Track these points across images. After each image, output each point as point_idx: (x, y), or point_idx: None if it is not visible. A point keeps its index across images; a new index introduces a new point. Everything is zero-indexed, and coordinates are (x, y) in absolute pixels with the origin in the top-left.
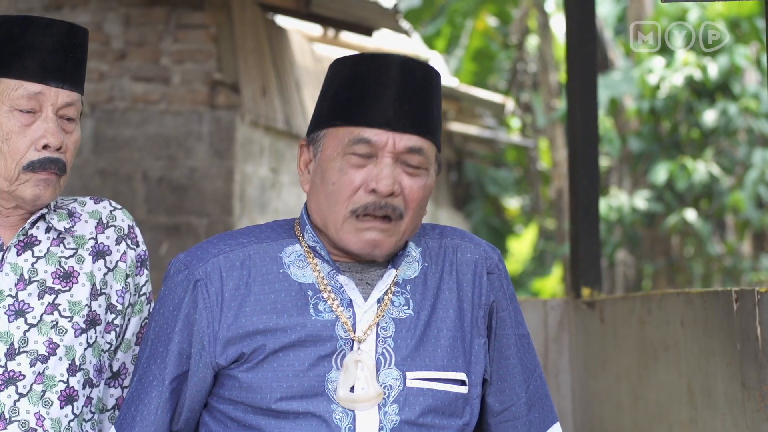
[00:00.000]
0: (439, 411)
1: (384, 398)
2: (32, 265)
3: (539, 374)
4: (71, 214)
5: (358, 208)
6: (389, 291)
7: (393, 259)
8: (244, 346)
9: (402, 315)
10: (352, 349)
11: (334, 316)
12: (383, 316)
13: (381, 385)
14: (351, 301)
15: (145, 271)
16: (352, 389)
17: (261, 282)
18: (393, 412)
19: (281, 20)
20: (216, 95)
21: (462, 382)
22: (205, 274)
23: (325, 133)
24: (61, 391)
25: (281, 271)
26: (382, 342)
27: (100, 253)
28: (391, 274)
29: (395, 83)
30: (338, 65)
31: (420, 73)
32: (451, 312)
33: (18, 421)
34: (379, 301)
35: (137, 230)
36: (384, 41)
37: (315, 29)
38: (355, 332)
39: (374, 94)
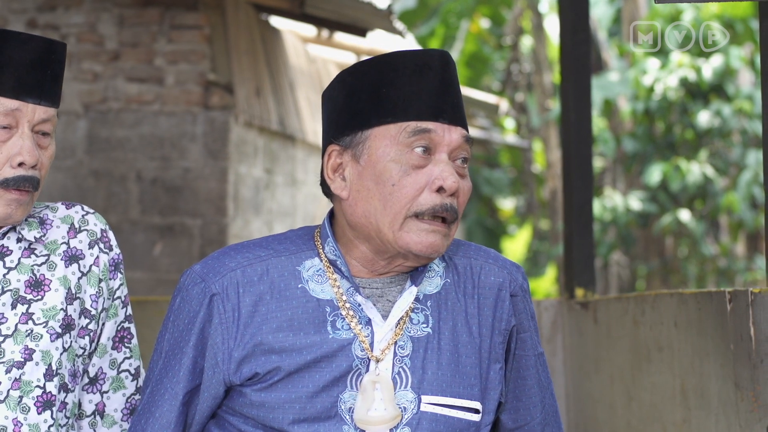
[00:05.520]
0: None
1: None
2: (4, 276)
3: (551, 392)
4: (43, 222)
5: (425, 211)
6: (408, 307)
7: (413, 275)
8: (259, 365)
9: (420, 333)
10: (367, 368)
11: (352, 334)
12: (401, 334)
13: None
14: (370, 319)
15: (119, 275)
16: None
17: (278, 298)
18: None
19: (275, 21)
20: (210, 96)
21: (476, 411)
22: (222, 288)
23: (371, 134)
24: (37, 396)
25: (299, 286)
26: (398, 361)
27: (72, 257)
28: (412, 292)
29: (438, 77)
30: (368, 65)
31: (453, 67)
32: (470, 338)
33: None
34: (398, 319)
35: (110, 234)
36: (378, 42)
37: (309, 30)
38: (372, 351)
39: (422, 87)
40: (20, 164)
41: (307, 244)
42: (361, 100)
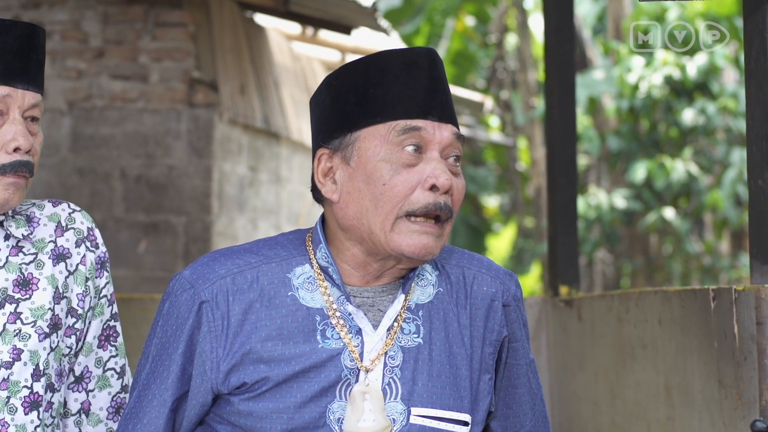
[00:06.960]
0: None
1: None
2: None
3: (541, 398)
4: (30, 220)
5: (417, 209)
6: (399, 317)
7: (404, 282)
8: (247, 375)
9: (411, 343)
10: (357, 378)
11: (342, 344)
12: (392, 344)
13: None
14: (360, 329)
15: (105, 273)
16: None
17: (268, 306)
18: None
19: (260, 18)
20: (194, 93)
21: (465, 423)
22: (212, 296)
23: (360, 135)
24: (25, 396)
25: (289, 293)
26: (389, 372)
27: (60, 256)
28: (400, 300)
29: (426, 75)
30: (355, 66)
31: (441, 64)
32: (461, 348)
33: None
34: (388, 328)
35: (97, 232)
36: (363, 40)
37: (293, 28)
38: (362, 361)
39: (410, 86)
40: (15, 149)
41: (299, 249)
42: (349, 102)
